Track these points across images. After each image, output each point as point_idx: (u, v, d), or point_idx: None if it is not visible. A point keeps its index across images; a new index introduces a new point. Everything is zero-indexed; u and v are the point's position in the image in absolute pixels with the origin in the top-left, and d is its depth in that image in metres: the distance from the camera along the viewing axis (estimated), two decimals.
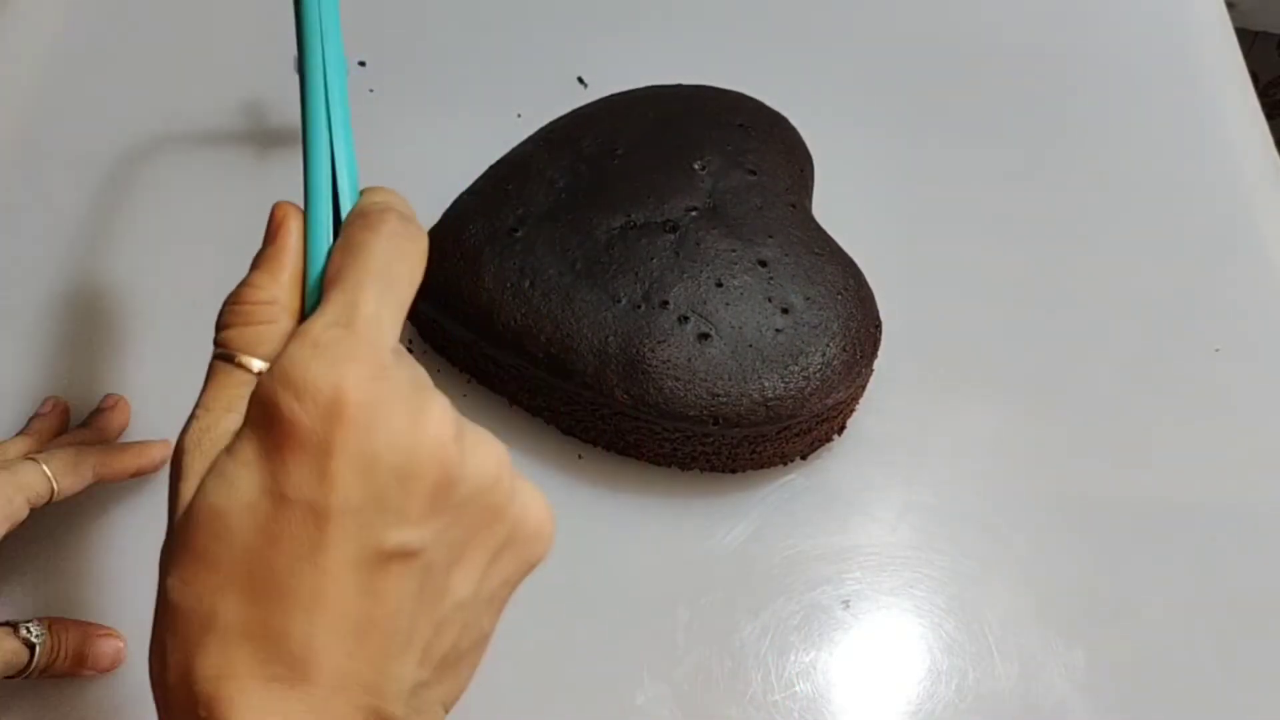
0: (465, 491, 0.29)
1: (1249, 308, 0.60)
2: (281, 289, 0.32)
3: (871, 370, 0.53)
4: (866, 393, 0.55)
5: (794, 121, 0.59)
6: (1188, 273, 0.61)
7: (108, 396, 0.54)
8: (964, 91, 0.68)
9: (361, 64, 0.67)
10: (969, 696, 0.48)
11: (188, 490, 0.28)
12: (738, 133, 0.57)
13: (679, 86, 0.60)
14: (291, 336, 0.28)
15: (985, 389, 0.57)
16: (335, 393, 0.27)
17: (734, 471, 0.53)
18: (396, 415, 0.28)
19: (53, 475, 0.46)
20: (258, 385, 0.28)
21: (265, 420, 0.27)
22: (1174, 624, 0.51)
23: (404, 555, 0.28)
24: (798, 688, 0.48)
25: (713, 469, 0.53)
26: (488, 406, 0.55)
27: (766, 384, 0.49)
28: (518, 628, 0.49)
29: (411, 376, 0.29)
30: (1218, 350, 0.58)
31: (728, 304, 0.51)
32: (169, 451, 0.50)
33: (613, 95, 0.60)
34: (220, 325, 0.31)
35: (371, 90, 0.66)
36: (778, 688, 0.48)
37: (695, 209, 0.54)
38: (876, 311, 0.53)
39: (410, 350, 0.57)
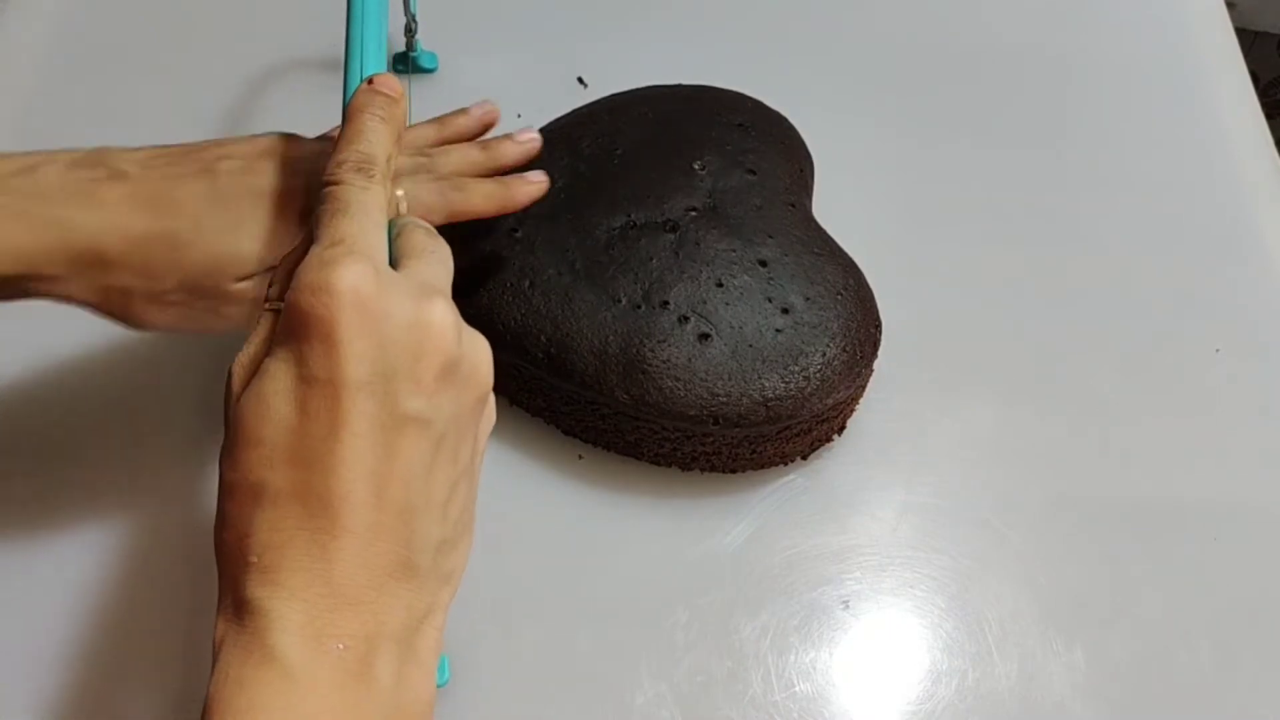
0: (465, 372, 0.35)
1: (1250, 308, 0.60)
2: None
3: (871, 370, 0.53)
4: (866, 393, 0.54)
5: (794, 121, 0.59)
6: (1188, 273, 0.61)
7: (485, 106, 0.52)
8: (964, 91, 0.68)
9: None
10: (969, 697, 0.48)
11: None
12: (737, 132, 0.57)
13: (679, 86, 0.60)
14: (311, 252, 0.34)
15: (985, 389, 0.57)
16: (339, 285, 0.32)
17: (734, 472, 0.53)
18: (402, 305, 0.33)
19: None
20: (285, 302, 0.33)
21: (289, 321, 0.33)
22: (1174, 624, 0.51)
23: (418, 422, 0.33)
24: (797, 688, 0.48)
25: (713, 469, 0.53)
26: None
27: (766, 384, 0.49)
28: (517, 628, 0.49)
29: (416, 280, 0.35)
30: (1218, 350, 0.58)
31: (727, 304, 0.51)
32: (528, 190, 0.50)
33: (613, 95, 0.60)
34: (268, 285, 0.37)
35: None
36: (777, 688, 0.48)
37: (695, 209, 0.54)
38: (876, 311, 0.53)
39: None
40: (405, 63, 0.66)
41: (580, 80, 0.67)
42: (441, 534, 0.34)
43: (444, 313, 0.34)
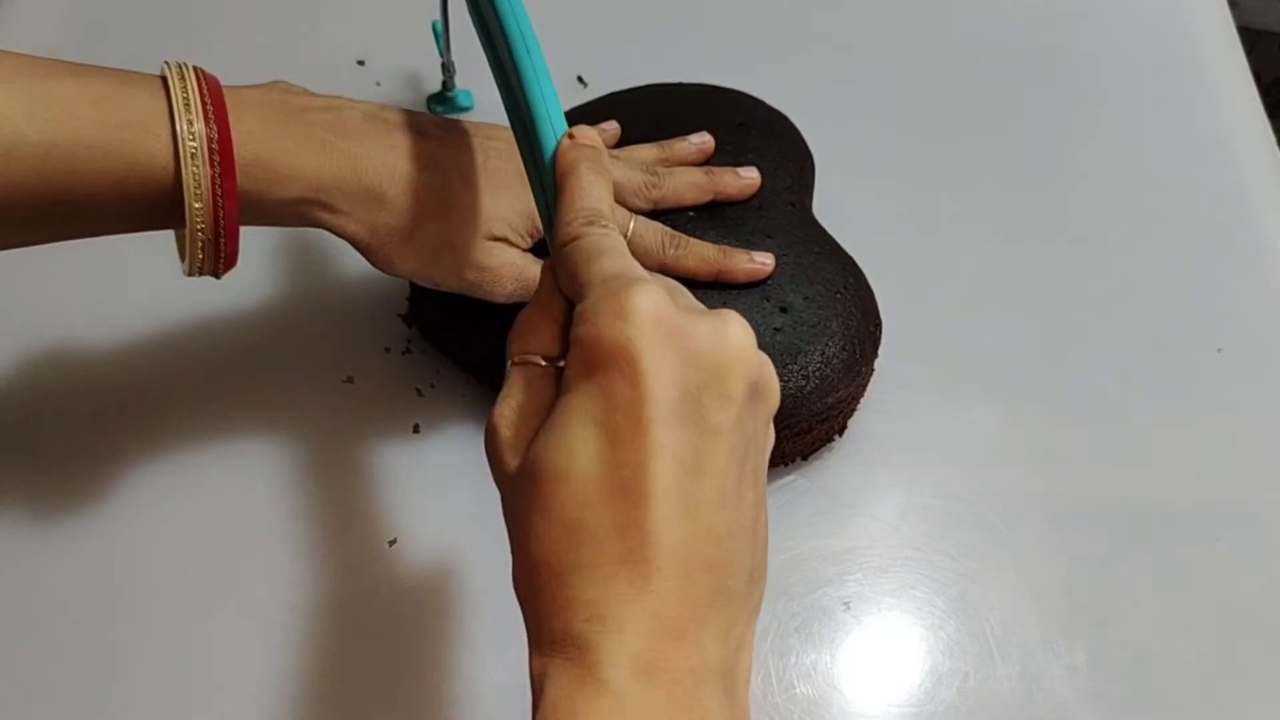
0: (762, 388, 0.34)
1: (1251, 308, 0.60)
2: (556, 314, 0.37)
3: (872, 370, 0.53)
4: (867, 393, 0.54)
5: (795, 120, 0.59)
6: (1189, 272, 0.61)
7: (703, 136, 0.56)
8: (965, 91, 0.68)
9: (360, 63, 0.67)
10: (970, 698, 0.48)
11: (511, 458, 0.34)
12: (738, 132, 0.57)
13: (679, 85, 0.60)
14: (585, 297, 0.34)
15: (986, 389, 0.56)
16: (639, 308, 0.32)
17: None
18: (701, 323, 0.33)
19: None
20: (573, 336, 0.33)
21: (586, 354, 0.32)
22: (1175, 625, 0.50)
23: (727, 440, 0.32)
24: (798, 690, 0.48)
25: None
26: (489, 405, 0.54)
27: None
28: (516, 631, 0.49)
29: (696, 302, 0.35)
30: (1219, 350, 0.58)
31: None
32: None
33: (613, 94, 0.60)
34: (510, 343, 0.36)
35: (379, 84, 0.66)
36: (778, 689, 0.48)
37: (694, 208, 0.53)
38: (876, 310, 0.53)
39: (410, 350, 0.56)
40: (444, 102, 0.66)
41: (580, 80, 0.66)
42: (752, 559, 0.34)
43: (743, 328, 0.34)
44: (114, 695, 0.48)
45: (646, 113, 0.58)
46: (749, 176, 0.55)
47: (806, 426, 0.51)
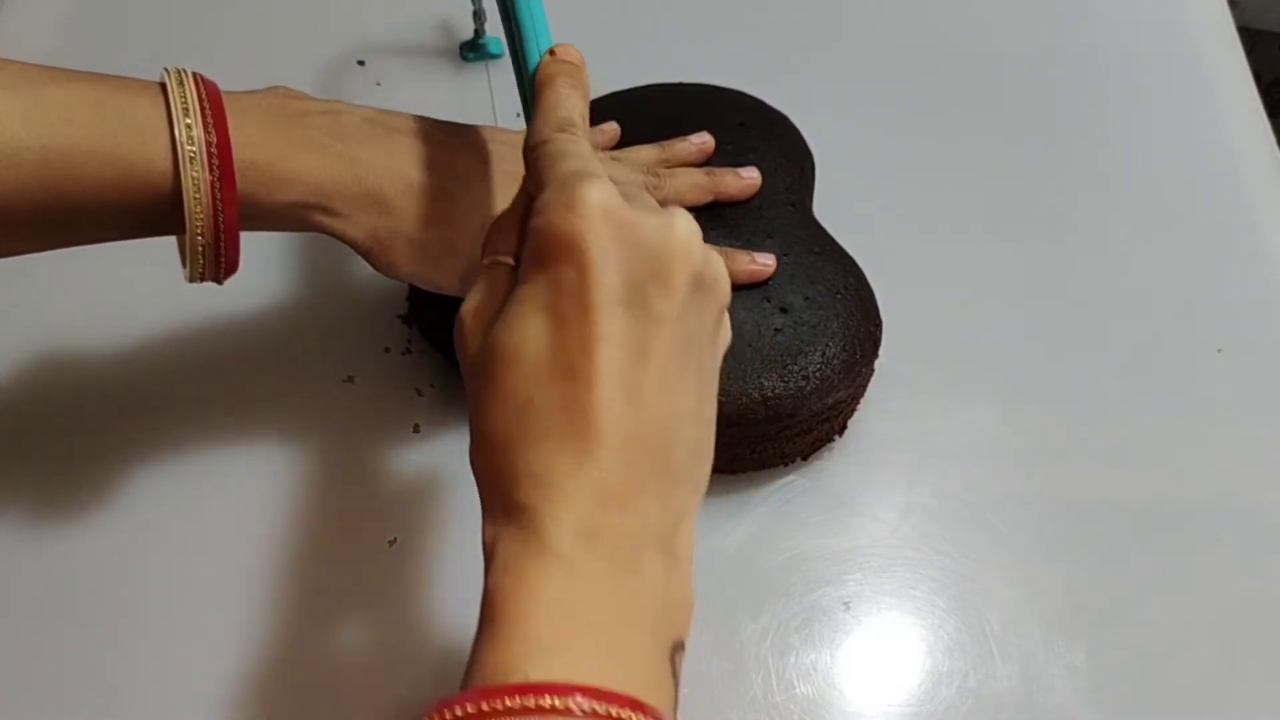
0: (709, 282, 0.35)
1: (1251, 308, 0.60)
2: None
3: (872, 370, 0.53)
4: (867, 393, 0.54)
5: (795, 120, 0.59)
6: (1189, 272, 0.61)
7: (703, 136, 0.56)
8: (965, 90, 0.68)
9: (360, 63, 0.67)
10: (970, 698, 0.48)
11: (472, 344, 0.35)
12: (738, 132, 0.57)
13: (679, 85, 0.60)
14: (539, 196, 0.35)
15: (986, 389, 0.56)
16: (587, 200, 0.33)
17: (734, 472, 0.53)
18: (648, 217, 0.34)
19: None
20: (528, 228, 0.34)
21: (538, 245, 0.34)
22: (1175, 625, 0.50)
23: (670, 326, 0.34)
24: (798, 690, 0.48)
25: (713, 469, 0.53)
26: None
27: (766, 383, 0.49)
28: None
29: (652, 202, 0.36)
30: (1220, 350, 0.58)
31: None
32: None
33: (613, 94, 0.60)
34: (482, 246, 0.38)
35: (379, 84, 0.66)
36: (778, 690, 0.48)
37: (694, 209, 0.53)
38: (877, 310, 0.53)
39: (410, 350, 0.57)
40: (475, 49, 0.67)
41: None
42: (695, 437, 0.35)
43: (689, 223, 0.35)
44: (114, 695, 0.48)
45: (646, 113, 0.58)
46: (749, 177, 0.55)
47: (807, 426, 0.51)
